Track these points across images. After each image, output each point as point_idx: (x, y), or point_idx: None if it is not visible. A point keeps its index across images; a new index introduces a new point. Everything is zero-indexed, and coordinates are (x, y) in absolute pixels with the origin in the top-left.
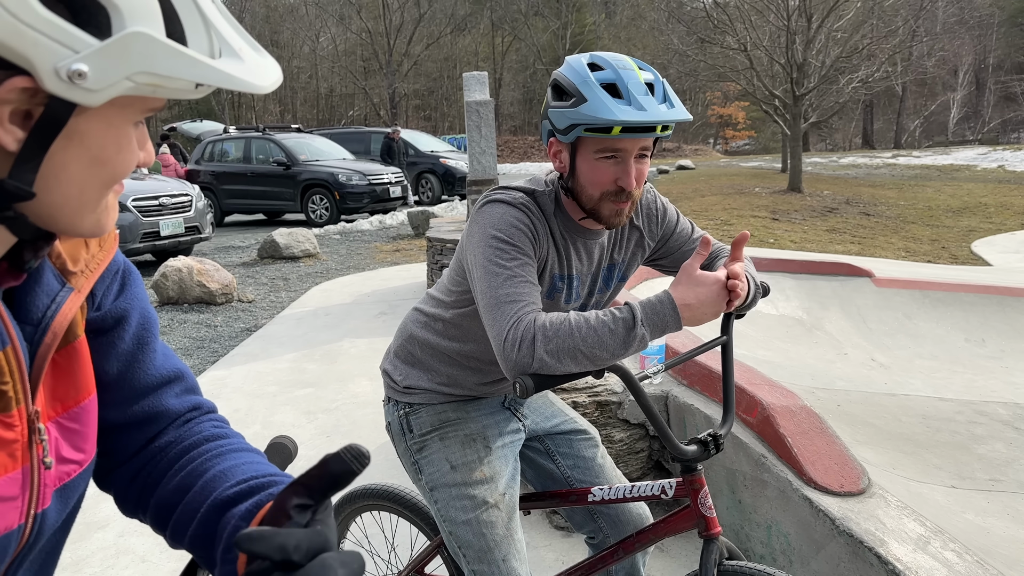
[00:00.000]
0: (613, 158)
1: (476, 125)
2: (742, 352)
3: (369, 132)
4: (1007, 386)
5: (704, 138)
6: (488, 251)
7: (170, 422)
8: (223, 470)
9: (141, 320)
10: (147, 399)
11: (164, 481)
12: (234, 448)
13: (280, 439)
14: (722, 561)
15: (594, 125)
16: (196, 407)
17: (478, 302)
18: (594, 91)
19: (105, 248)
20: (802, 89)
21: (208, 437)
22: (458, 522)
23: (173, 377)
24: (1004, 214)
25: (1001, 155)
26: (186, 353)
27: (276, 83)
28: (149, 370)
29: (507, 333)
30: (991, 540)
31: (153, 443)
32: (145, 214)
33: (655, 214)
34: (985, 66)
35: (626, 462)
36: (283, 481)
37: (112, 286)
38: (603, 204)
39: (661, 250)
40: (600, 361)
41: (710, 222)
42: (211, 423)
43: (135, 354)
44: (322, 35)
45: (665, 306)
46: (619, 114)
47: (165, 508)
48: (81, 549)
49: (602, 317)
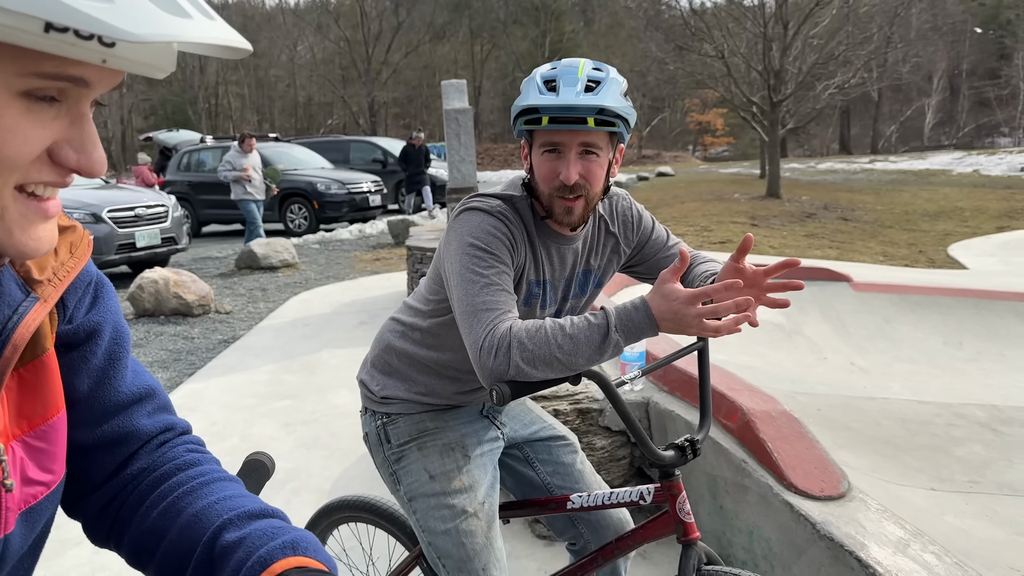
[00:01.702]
0: (555, 152)
1: (455, 133)
2: (722, 358)
3: (348, 141)
4: (984, 388)
5: (683, 145)
6: (465, 259)
7: (142, 444)
8: (202, 509)
9: (114, 335)
10: (117, 418)
11: (138, 517)
12: (209, 479)
13: (257, 455)
14: (701, 567)
15: (521, 115)
16: (169, 427)
17: (455, 310)
18: (530, 84)
19: (76, 255)
20: (779, 95)
21: (181, 466)
22: (437, 532)
23: (144, 395)
24: (979, 218)
25: (976, 159)
26: (163, 366)
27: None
28: (120, 387)
29: (483, 340)
30: (970, 542)
31: (125, 469)
32: (120, 225)
33: (631, 221)
34: (959, 72)
35: (608, 469)
36: (265, 512)
37: (84, 298)
38: (554, 201)
39: (637, 257)
40: (576, 367)
41: (690, 228)
42: (185, 447)
43: (106, 370)
44: (300, 44)
45: (640, 312)
46: (533, 100)
47: (143, 551)
48: (56, 567)
49: (577, 323)
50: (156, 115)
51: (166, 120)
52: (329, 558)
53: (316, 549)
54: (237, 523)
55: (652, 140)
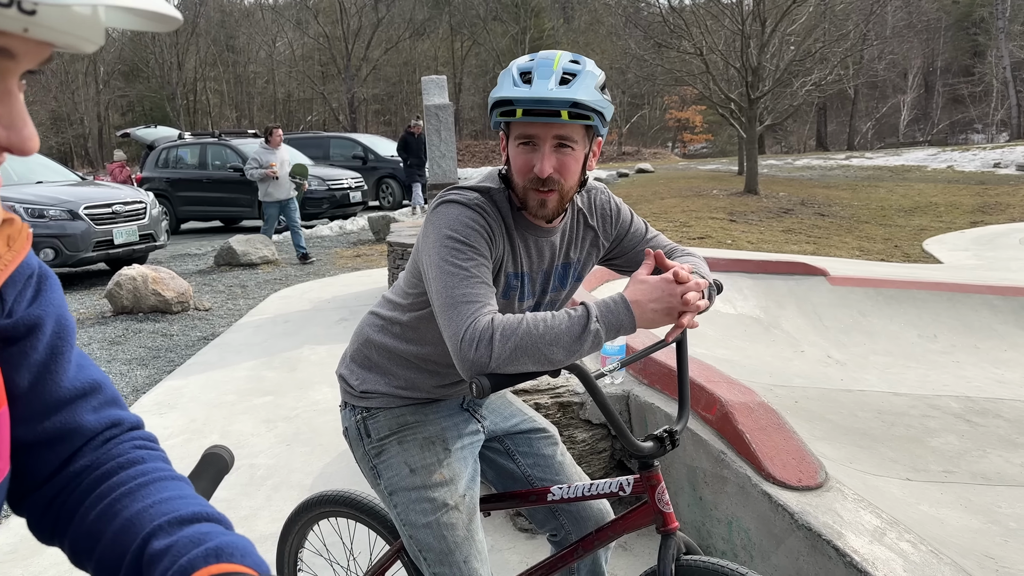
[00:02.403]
0: (529, 144)
1: (436, 129)
2: (701, 351)
3: (328, 137)
4: (958, 380)
5: (663, 141)
6: (443, 251)
7: (86, 441)
8: (136, 513)
9: (56, 328)
10: (60, 414)
11: (78, 517)
12: (149, 480)
13: (215, 449)
14: (680, 556)
15: (496, 106)
16: (116, 423)
17: (433, 303)
18: (506, 76)
19: (15, 248)
20: (757, 92)
21: (124, 464)
22: (418, 525)
23: (89, 389)
24: (954, 213)
25: (950, 156)
26: (142, 363)
27: None
28: (62, 382)
29: (463, 333)
30: (945, 530)
31: (68, 467)
32: (98, 222)
33: (609, 214)
34: (933, 69)
35: (589, 462)
36: (199, 516)
37: (25, 292)
38: (528, 194)
39: (616, 250)
40: (556, 361)
41: (669, 224)
42: (132, 443)
43: (48, 365)
44: (279, 40)
45: (619, 306)
46: (507, 92)
47: (82, 552)
48: (34, 565)
49: (558, 317)
50: (134, 111)
51: (144, 116)
52: (262, 562)
53: (245, 553)
54: (167, 529)
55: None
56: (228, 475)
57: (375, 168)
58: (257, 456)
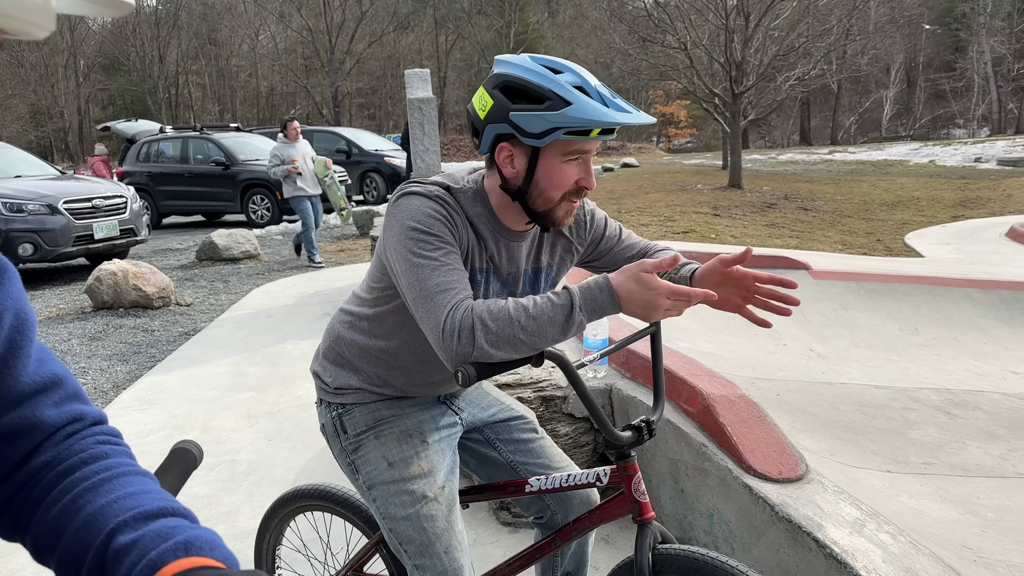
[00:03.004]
0: (577, 160)
1: (419, 123)
2: (684, 345)
3: (312, 131)
4: (939, 373)
5: (647, 136)
6: (409, 243)
7: (46, 436)
8: (99, 508)
9: (15, 322)
10: (19, 409)
11: (39, 514)
12: (112, 475)
13: (184, 444)
14: (656, 545)
15: (578, 128)
16: (77, 417)
17: (407, 297)
18: (574, 93)
19: None
20: (741, 87)
21: (87, 459)
22: (398, 518)
23: (49, 384)
24: (935, 207)
25: (932, 150)
26: (122, 359)
27: None
28: (21, 377)
29: (444, 323)
30: (924, 521)
31: (28, 463)
32: (78, 216)
33: (583, 220)
34: (915, 64)
35: (572, 455)
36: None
37: None
38: (560, 205)
39: (592, 254)
40: (540, 347)
41: (654, 218)
42: (94, 438)
43: (6, 360)
44: (261, 33)
45: (604, 292)
46: (610, 115)
47: (45, 547)
48: (11, 563)
49: (540, 304)
50: (114, 105)
51: (125, 110)
52: (230, 555)
53: (214, 547)
54: (132, 524)
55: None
56: (211, 471)
57: (359, 162)
58: (239, 452)
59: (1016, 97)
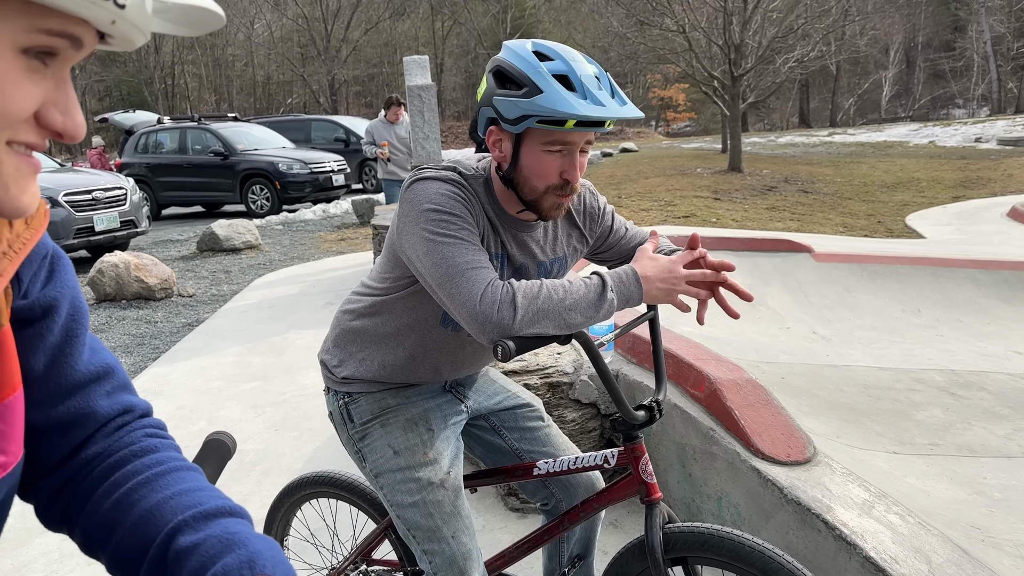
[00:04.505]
0: (560, 151)
1: (418, 110)
2: (688, 330)
3: (309, 120)
4: (942, 354)
5: (646, 120)
6: (430, 225)
7: (98, 427)
8: (156, 504)
9: (71, 311)
10: (74, 398)
11: (90, 505)
12: (165, 470)
13: (217, 435)
14: (664, 525)
15: (549, 117)
16: (128, 408)
17: (429, 278)
18: (549, 82)
19: (32, 226)
20: (740, 70)
21: (137, 452)
22: (405, 505)
23: (103, 374)
24: (936, 188)
25: (931, 131)
26: (126, 351)
27: None
28: (77, 366)
29: (481, 296)
30: (932, 502)
31: (80, 453)
32: (78, 209)
33: (597, 214)
34: (915, 45)
35: (579, 441)
36: (223, 510)
37: (40, 272)
38: (546, 197)
39: (601, 246)
40: (574, 326)
41: (654, 203)
42: (143, 431)
43: (63, 348)
44: (257, 21)
45: (631, 279)
46: (578, 108)
47: (95, 541)
48: (23, 555)
49: (575, 284)
50: (111, 96)
51: (122, 101)
52: (290, 569)
53: (276, 562)
54: (193, 524)
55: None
56: None
57: (357, 151)
58: (246, 442)
59: (1016, 76)
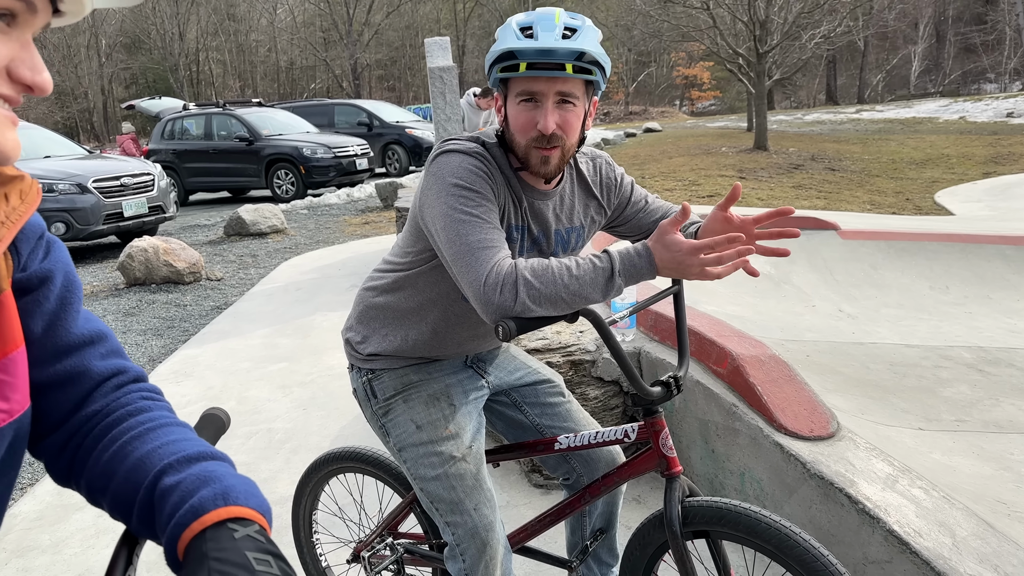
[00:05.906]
0: (532, 101)
1: (440, 92)
2: (712, 308)
3: (332, 104)
4: (970, 331)
5: (670, 100)
6: (451, 199)
7: (95, 385)
8: (146, 453)
9: (65, 282)
10: (70, 358)
11: (92, 459)
12: (157, 425)
13: (213, 410)
14: (684, 498)
15: (497, 62)
16: (121, 370)
17: (445, 252)
18: (506, 31)
19: (27, 201)
20: (765, 46)
21: (132, 412)
22: (428, 478)
23: (96, 338)
24: (966, 164)
25: (962, 106)
26: (156, 333)
27: None
28: (72, 329)
29: (486, 276)
30: (957, 477)
31: (80, 411)
32: (107, 195)
33: (614, 184)
34: (945, 18)
35: (601, 418)
36: (204, 455)
37: (38, 250)
38: (530, 152)
39: (619, 218)
40: (578, 306)
41: (678, 183)
42: (139, 394)
43: (58, 313)
44: (279, 7)
45: (643, 259)
46: (511, 44)
47: (98, 488)
48: (60, 531)
49: (583, 265)
50: (137, 84)
51: (147, 88)
52: (264, 502)
53: (249, 495)
54: (176, 467)
55: (639, 96)
56: (248, 439)
57: (380, 135)
58: (274, 421)
59: None
